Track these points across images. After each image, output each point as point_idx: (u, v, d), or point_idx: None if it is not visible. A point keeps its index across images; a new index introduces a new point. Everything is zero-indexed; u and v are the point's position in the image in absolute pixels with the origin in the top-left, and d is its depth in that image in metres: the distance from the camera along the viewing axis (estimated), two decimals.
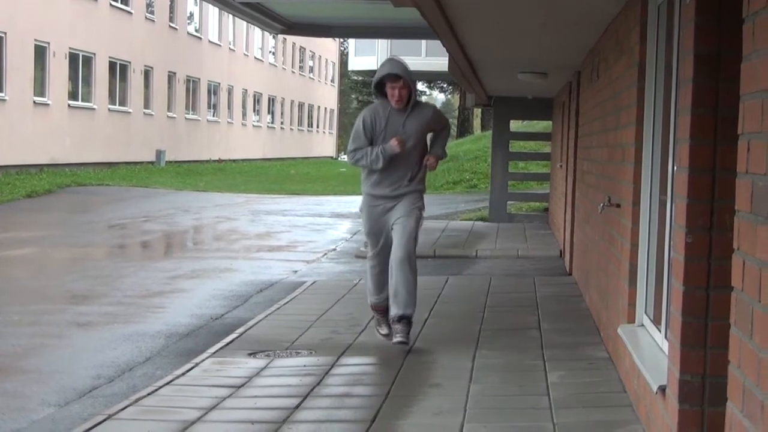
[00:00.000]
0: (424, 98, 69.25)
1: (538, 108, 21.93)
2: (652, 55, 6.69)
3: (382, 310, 8.49)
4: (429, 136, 8.69)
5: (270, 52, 61.52)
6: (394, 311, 8.14)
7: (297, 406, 6.47)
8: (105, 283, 12.64)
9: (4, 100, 31.02)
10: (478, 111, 56.93)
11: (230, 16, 38.41)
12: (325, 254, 16.12)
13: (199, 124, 48.79)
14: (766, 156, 3.22)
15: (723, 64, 4.65)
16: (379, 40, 31.97)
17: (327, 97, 77.90)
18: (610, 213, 8.09)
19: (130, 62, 40.29)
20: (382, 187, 8.42)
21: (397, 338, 8.06)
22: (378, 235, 8.46)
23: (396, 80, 8.24)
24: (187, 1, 46.48)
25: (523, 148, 29.37)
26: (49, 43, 33.48)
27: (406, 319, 8.11)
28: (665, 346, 5.58)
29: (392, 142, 8.24)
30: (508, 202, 22.84)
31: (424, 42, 24.40)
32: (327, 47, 75.77)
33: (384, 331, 8.46)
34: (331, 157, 74.05)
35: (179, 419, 6.15)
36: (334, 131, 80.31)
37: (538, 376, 7.31)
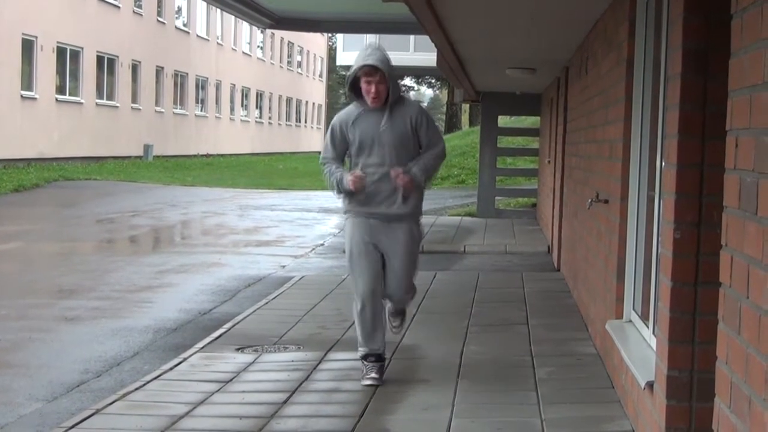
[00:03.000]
0: (411, 94, 69.20)
1: (526, 104, 21.94)
2: (641, 51, 6.70)
3: (375, 356, 7.07)
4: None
5: (258, 46, 61.45)
6: (390, 306, 7.44)
7: (285, 401, 6.47)
8: (92, 278, 12.62)
9: None
10: (466, 106, 56.90)
11: (218, 10, 38.36)
12: (313, 249, 16.11)
13: (187, 118, 48.70)
14: (754, 152, 3.22)
15: (711, 60, 4.66)
16: (368, 35, 31.96)
17: (315, 92, 77.83)
18: (598, 209, 8.10)
19: (117, 56, 40.18)
20: (373, 206, 6.97)
21: (396, 322, 7.54)
22: (369, 257, 6.98)
23: (372, 73, 6.81)
24: None
25: (511, 143, 29.41)
26: (36, 37, 33.36)
27: (402, 310, 7.56)
28: (653, 341, 5.59)
29: (347, 178, 6.88)
30: (496, 198, 22.87)
31: (412, 37, 24.37)
32: (315, 42, 75.68)
33: (371, 378, 6.97)
34: (319, 152, 73.93)
35: (167, 414, 6.15)
36: (322, 126, 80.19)
37: (526, 371, 7.33)
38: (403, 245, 7.01)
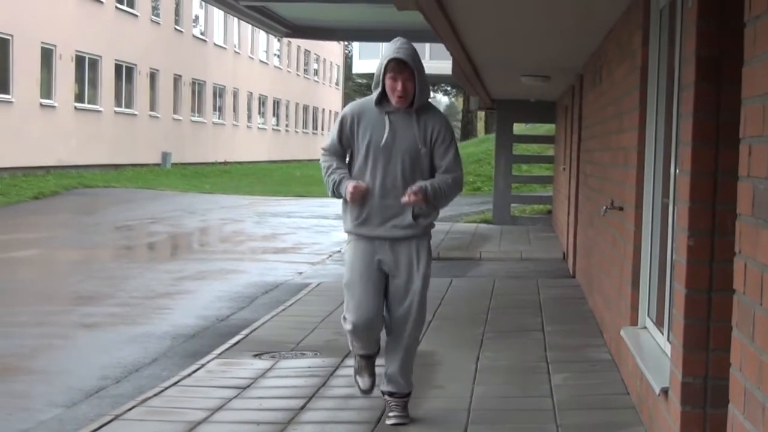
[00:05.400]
0: None
1: (541, 111, 21.95)
2: (654, 59, 6.70)
3: (368, 356, 6.35)
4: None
5: (275, 54, 61.56)
6: (386, 387, 6.22)
7: (302, 407, 6.49)
8: (111, 284, 12.66)
9: (11, 102, 31.05)
10: (481, 114, 56.91)
11: (235, 19, 38.46)
12: (330, 256, 16.13)
13: (205, 126, 48.81)
14: (767, 160, 3.22)
15: (724, 67, 4.66)
16: (383, 43, 32.03)
17: (331, 99, 77.90)
18: (613, 216, 8.09)
19: (136, 65, 40.32)
20: (373, 226, 6.00)
21: (392, 419, 6.12)
22: (373, 281, 6.01)
23: (401, 69, 5.88)
24: (192, 3, 46.51)
25: (527, 150, 29.35)
26: (55, 46, 33.51)
27: (402, 396, 6.23)
28: (668, 348, 5.58)
29: (348, 188, 5.89)
30: (512, 205, 22.86)
31: (427, 45, 24.40)
32: (331, 50, 75.78)
33: (366, 382, 6.30)
34: None
35: (185, 420, 6.17)
36: None
37: (542, 378, 7.33)
38: (410, 263, 6.04)
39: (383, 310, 6.09)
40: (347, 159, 6.16)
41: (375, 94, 5.99)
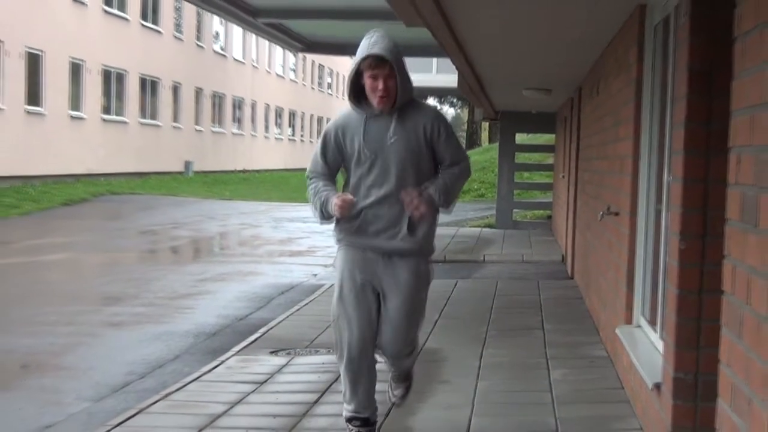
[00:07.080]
0: None
1: (542, 122, 21.93)
2: (649, 72, 6.70)
3: (361, 420, 5.52)
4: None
5: (291, 69, 61.59)
6: (392, 371, 5.81)
7: (316, 401, 6.49)
8: (136, 286, 12.67)
9: (43, 114, 31.13)
10: (485, 124, 56.93)
11: (254, 35, 38.53)
12: None
13: (225, 136, 48.85)
14: (754, 168, 3.23)
15: (715, 80, 4.66)
16: None
17: None
18: (609, 221, 8.09)
19: (160, 79, 40.39)
20: (370, 237, 5.20)
21: (397, 391, 5.83)
22: (362, 300, 5.22)
23: (378, 65, 5.02)
24: (213, 20, 46.57)
25: (528, 159, 29.28)
26: (84, 61, 33.59)
27: (406, 375, 5.84)
28: (660, 345, 5.58)
29: (334, 201, 5.13)
30: (514, 210, 22.84)
31: (435, 60, 24.38)
32: (344, 65, 75.76)
33: None
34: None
35: (206, 413, 6.17)
36: None
37: (542, 373, 7.32)
38: (406, 287, 5.22)
39: (375, 329, 5.31)
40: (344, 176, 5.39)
41: (348, 97, 5.21)
